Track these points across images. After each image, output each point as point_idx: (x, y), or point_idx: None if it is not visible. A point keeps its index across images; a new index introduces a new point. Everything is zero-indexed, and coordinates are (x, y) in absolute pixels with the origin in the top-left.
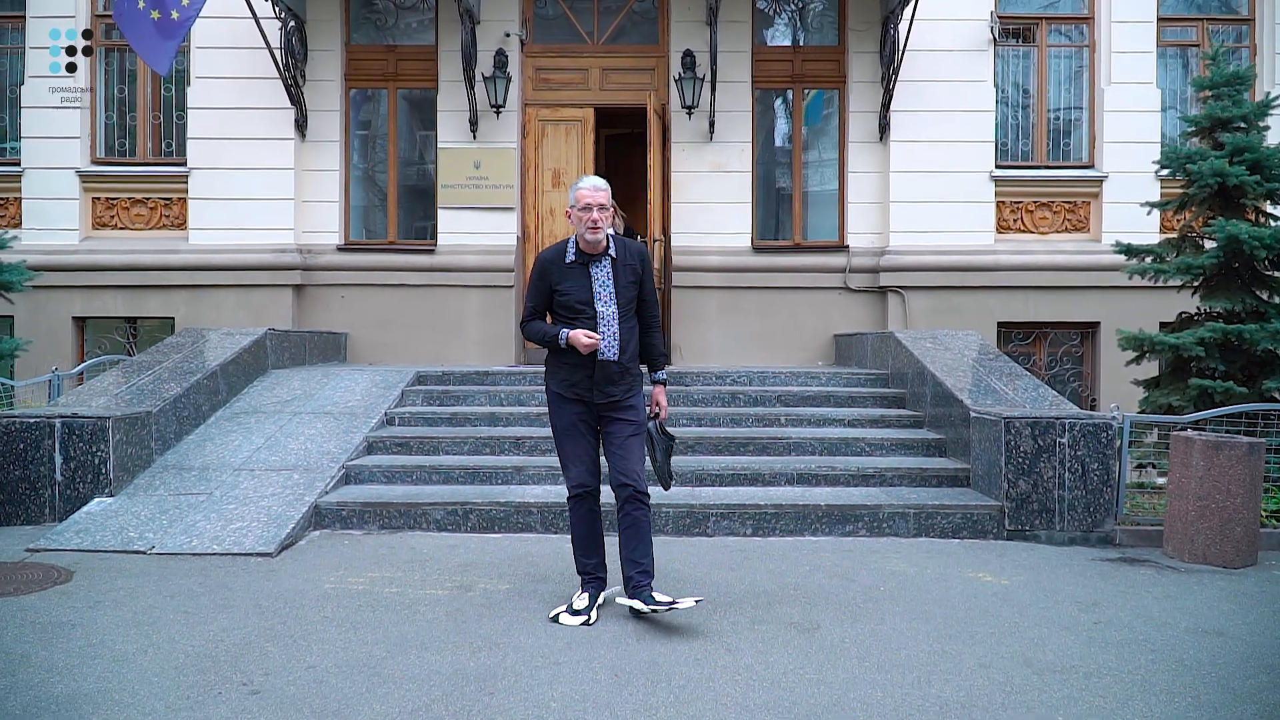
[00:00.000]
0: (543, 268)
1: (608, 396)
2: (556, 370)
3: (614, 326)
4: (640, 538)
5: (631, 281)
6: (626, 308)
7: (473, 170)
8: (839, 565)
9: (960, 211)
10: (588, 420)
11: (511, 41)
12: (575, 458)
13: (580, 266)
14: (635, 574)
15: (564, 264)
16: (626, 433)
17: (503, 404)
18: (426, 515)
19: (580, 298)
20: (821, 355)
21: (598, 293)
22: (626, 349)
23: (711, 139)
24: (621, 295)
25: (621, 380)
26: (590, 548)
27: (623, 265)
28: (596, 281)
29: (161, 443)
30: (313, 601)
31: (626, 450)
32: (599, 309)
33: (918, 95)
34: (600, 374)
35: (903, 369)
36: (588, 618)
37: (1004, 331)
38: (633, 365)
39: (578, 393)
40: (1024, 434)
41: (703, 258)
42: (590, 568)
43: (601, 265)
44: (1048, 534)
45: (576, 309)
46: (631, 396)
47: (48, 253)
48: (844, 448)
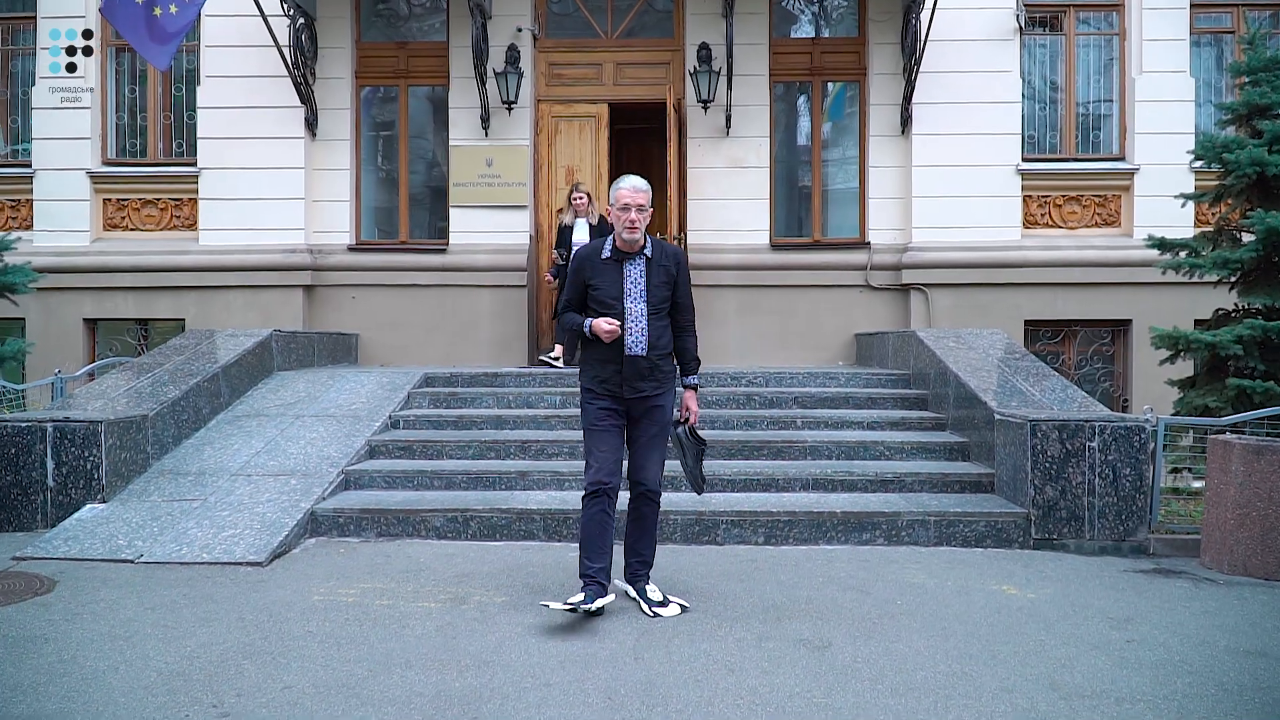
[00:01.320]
0: (579, 263)
1: (637, 392)
2: (589, 366)
3: (642, 322)
4: (644, 532)
5: (664, 282)
6: (657, 306)
7: (484, 168)
8: (854, 576)
9: (985, 206)
10: (617, 418)
11: (524, 37)
12: (598, 454)
13: (615, 263)
14: (634, 562)
15: (599, 260)
16: (651, 432)
17: (510, 406)
18: (426, 522)
19: (611, 293)
20: (842, 355)
21: (628, 289)
22: (656, 345)
23: (728, 134)
24: (653, 294)
25: (651, 376)
26: (597, 552)
27: (657, 265)
28: (628, 279)
29: (159, 447)
30: (299, 615)
31: (648, 450)
32: (628, 305)
33: (941, 87)
34: (629, 369)
35: (924, 369)
36: (575, 608)
37: (1031, 330)
38: (664, 363)
39: (608, 388)
40: (1051, 437)
41: (720, 256)
42: (594, 572)
43: (635, 263)
44: (1077, 543)
45: (608, 304)
46: (661, 395)
47: (59, 254)
48: (862, 451)
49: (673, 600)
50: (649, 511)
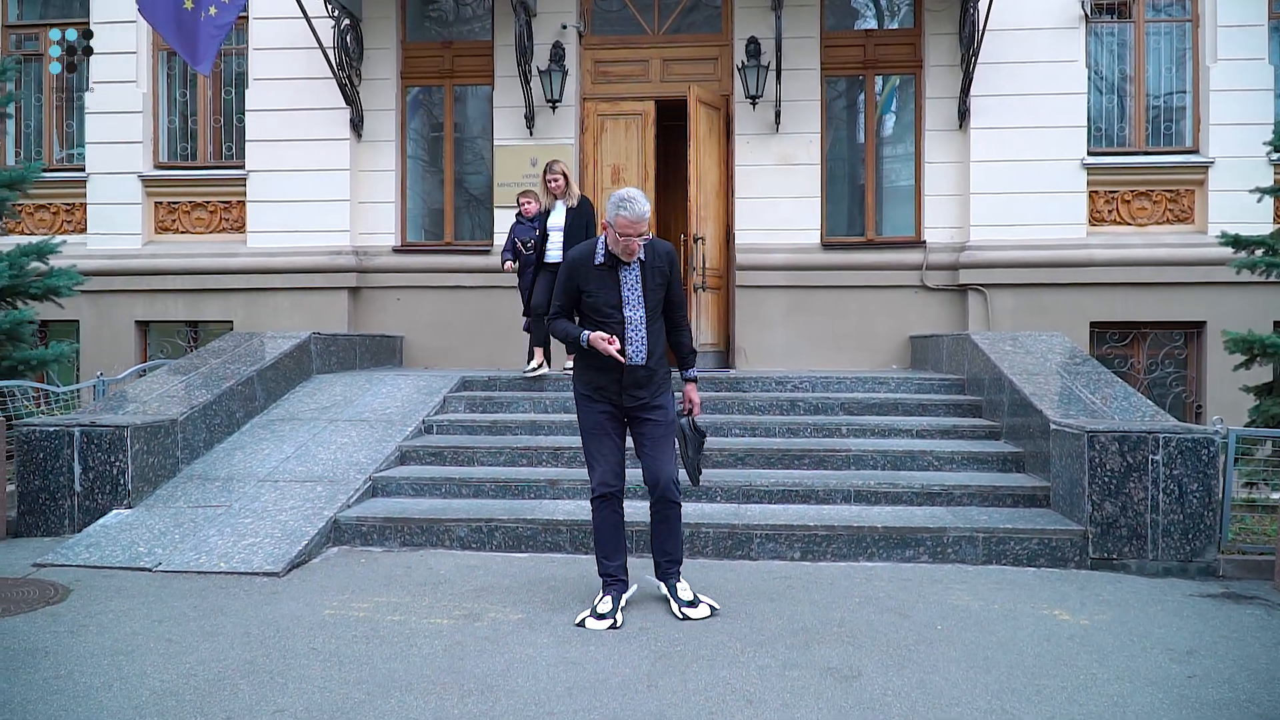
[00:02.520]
0: (571, 269)
1: (636, 400)
2: (583, 372)
3: (642, 331)
4: (670, 532)
5: (659, 284)
6: (654, 310)
7: (529, 168)
8: (893, 597)
9: (1048, 203)
10: (615, 421)
11: (569, 34)
12: (600, 459)
13: (608, 270)
14: (663, 561)
15: (593, 265)
16: (657, 434)
17: (547, 411)
18: (450, 532)
19: (608, 301)
20: (896, 358)
21: (626, 297)
22: (654, 353)
23: (778, 130)
24: (650, 298)
25: (649, 383)
26: (613, 550)
27: (651, 268)
28: (625, 285)
29: (189, 451)
30: (305, 630)
31: (657, 451)
32: (627, 314)
33: (1001, 78)
34: (628, 378)
35: (979, 374)
36: (614, 620)
37: (1097, 333)
38: (660, 367)
39: (605, 395)
40: (1110, 450)
41: (768, 256)
42: (612, 570)
43: (630, 269)
44: (1138, 563)
45: (605, 313)
46: (660, 396)
47: (112, 257)
48: (909, 461)
49: (703, 600)
50: (671, 513)
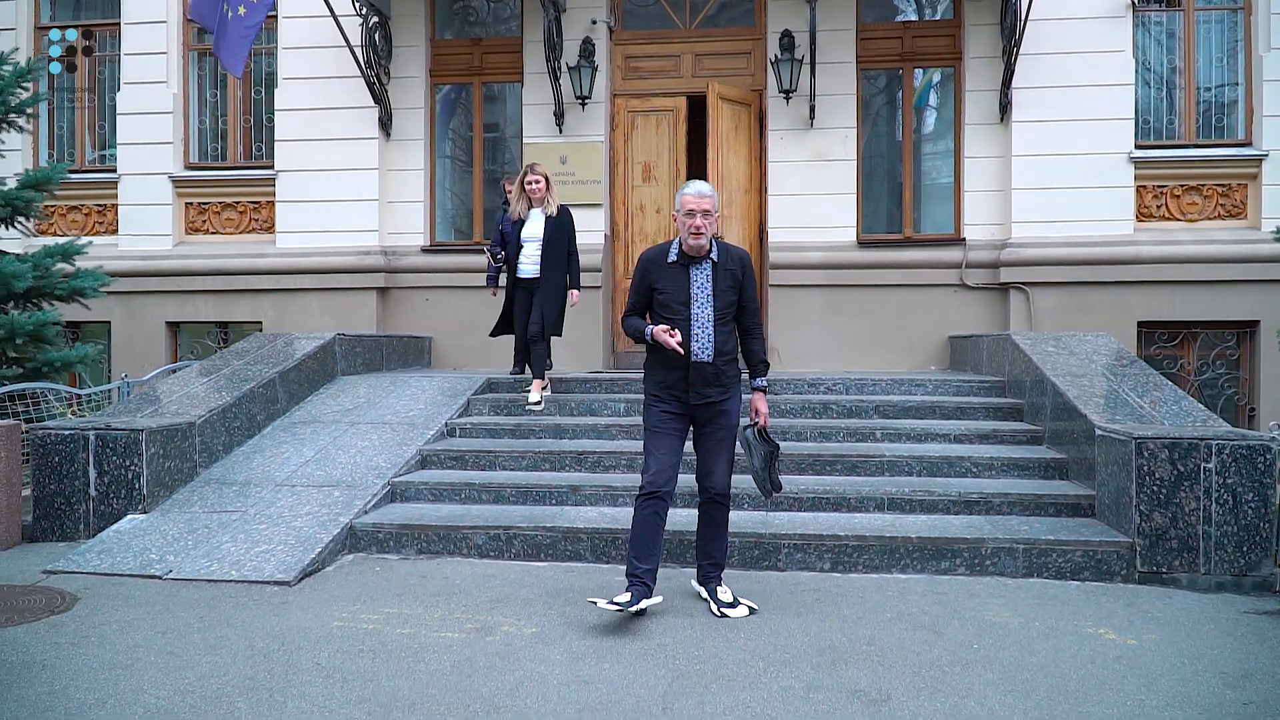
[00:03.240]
0: (644, 267)
1: (703, 398)
2: (654, 370)
3: (709, 329)
4: (716, 534)
5: (730, 286)
6: (723, 311)
7: (558, 166)
8: (927, 613)
9: (1093, 198)
10: (679, 422)
11: (599, 29)
12: (656, 456)
13: (680, 268)
14: (706, 564)
15: (665, 264)
16: (717, 436)
17: (573, 414)
18: (468, 540)
19: (677, 298)
20: (935, 359)
21: (694, 294)
22: (722, 351)
23: (812, 125)
24: (719, 299)
25: (716, 383)
26: (646, 551)
27: (723, 269)
28: (695, 283)
29: (207, 455)
30: (311, 644)
31: (715, 454)
32: (694, 310)
33: (1044, 70)
34: (695, 375)
35: (1020, 376)
36: (623, 608)
37: (1145, 332)
38: (729, 368)
39: (673, 394)
40: (1159, 457)
41: (803, 254)
42: (640, 572)
43: (701, 268)
44: (1189, 577)
45: (674, 309)
46: (727, 400)
47: (142, 258)
48: (946, 467)
49: (742, 602)
50: (719, 515)
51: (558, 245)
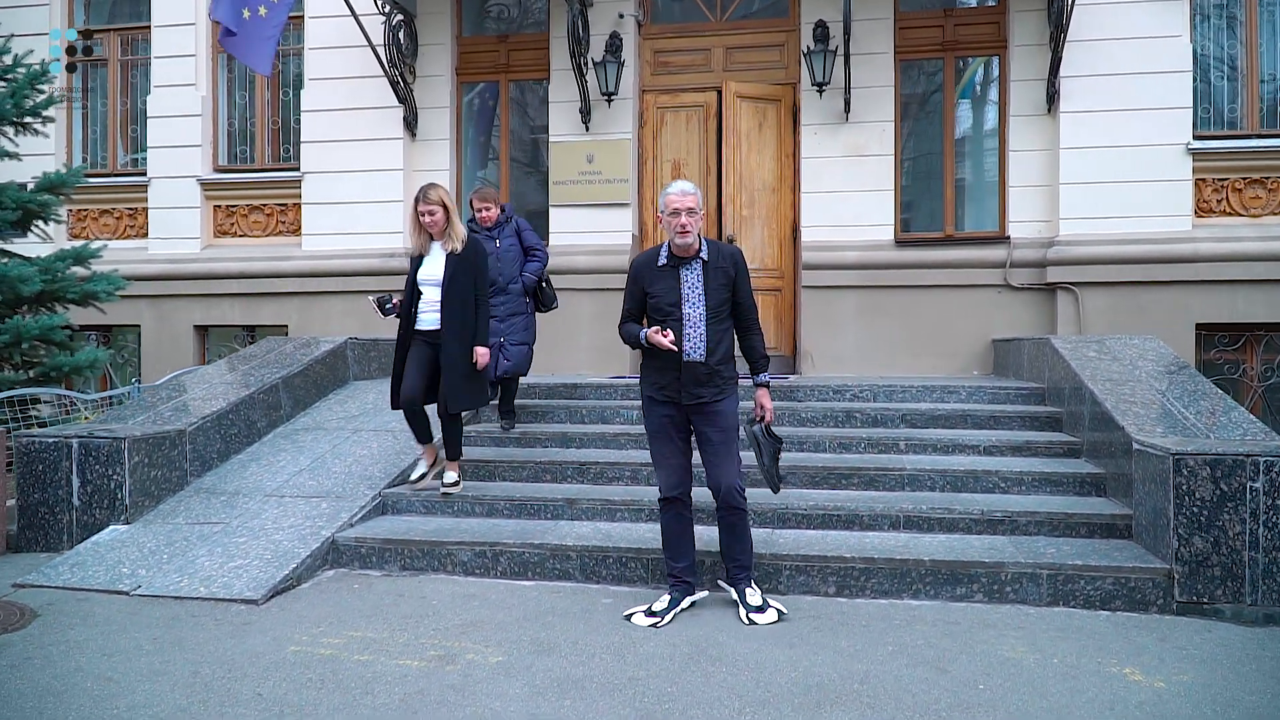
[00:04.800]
0: (635, 272)
1: (695, 398)
2: (648, 373)
3: (700, 328)
4: (736, 538)
5: (723, 284)
6: (716, 310)
7: (585, 165)
8: (934, 645)
9: (1147, 192)
10: (678, 424)
11: (627, 24)
12: (664, 462)
13: (671, 270)
14: (732, 568)
15: (656, 267)
16: (717, 439)
17: (582, 421)
18: (452, 556)
19: (669, 300)
20: (977, 363)
21: (685, 295)
22: (715, 351)
23: (847, 119)
24: (711, 297)
25: (710, 383)
26: (679, 551)
27: (714, 268)
28: (685, 284)
29: (200, 464)
30: (259, 671)
31: (718, 457)
32: (686, 311)
33: (1094, 57)
34: (687, 375)
35: (1060, 383)
36: (660, 619)
37: (1204, 335)
38: (723, 368)
39: (667, 395)
40: (1200, 475)
41: (838, 254)
42: (678, 571)
43: (692, 268)
44: (1233, 609)
45: (665, 311)
46: (721, 400)
47: (171, 261)
48: (971, 482)
49: (771, 605)
50: (736, 520)
51: (461, 288)
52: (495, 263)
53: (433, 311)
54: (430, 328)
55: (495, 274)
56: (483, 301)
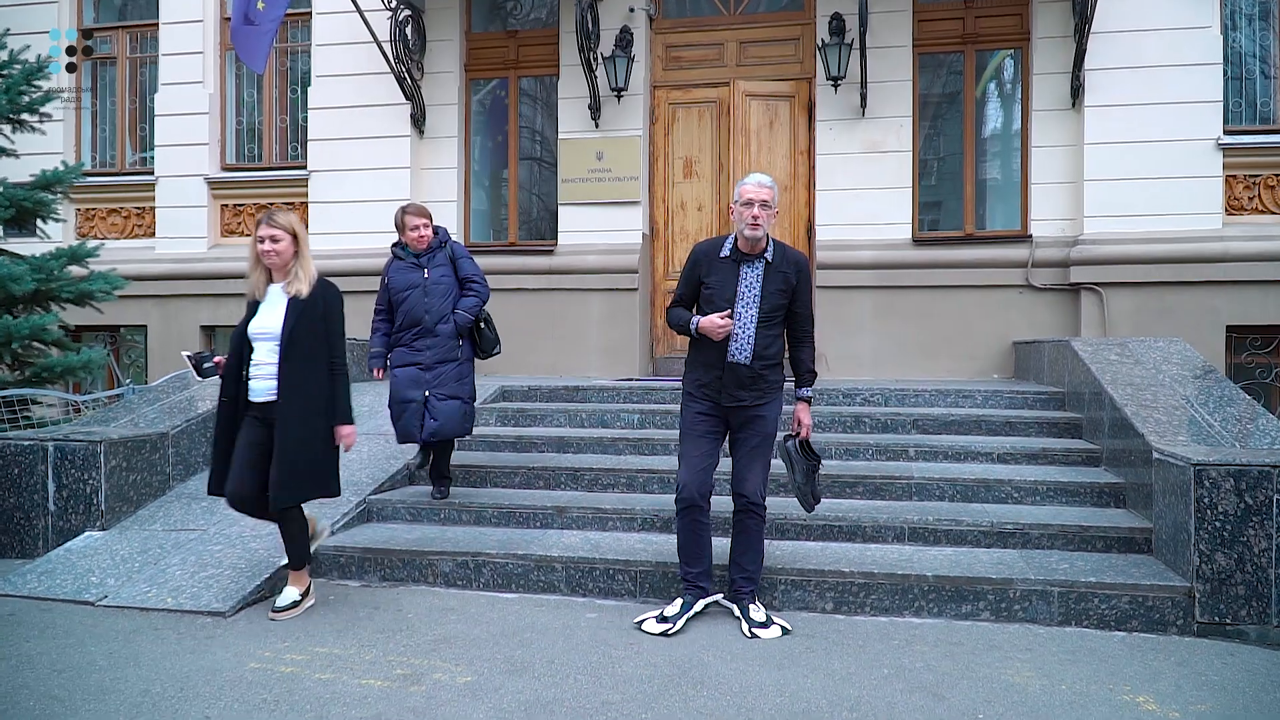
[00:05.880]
0: (696, 258)
1: (736, 400)
2: (692, 369)
3: (750, 330)
4: (749, 545)
5: (781, 289)
6: (770, 314)
7: (594, 162)
8: (933, 669)
9: (1176, 189)
10: (713, 423)
11: (638, 18)
12: (689, 461)
13: (732, 263)
14: (739, 578)
15: (718, 257)
16: (752, 443)
17: (582, 425)
18: (433, 567)
19: (723, 294)
20: (998, 366)
21: (741, 293)
22: (762, 355)
23: (864, 115)
24: (766, 301)
25: (753, 387)
26: (693, 556)
27: (775, 271)
28: (744, 281)
29: (183, 468)
30: (213, 690)
31: (749, 461)
32: (738, 309)
33: (1120, 49)
34: (729, 376)
35: (1079, 387)
36: (671, 625)
37: (1235, 338)
38: (768, 374)
39: (706, 393)
40: (1223, 487)
41: (853, 253)
42: (692, 576)
43: (754, 266)
44: (1258, 630)
45: (718, 306)
46: (763, 406)
47: (178, 261)
48: (982, 492)
49: (776, 621)
50: (753, 524)
51: (308, 346)
52: (422, 297)
53: (267, 379)
54: (264, 399)
55: (422, 311)
56: (339, 365)
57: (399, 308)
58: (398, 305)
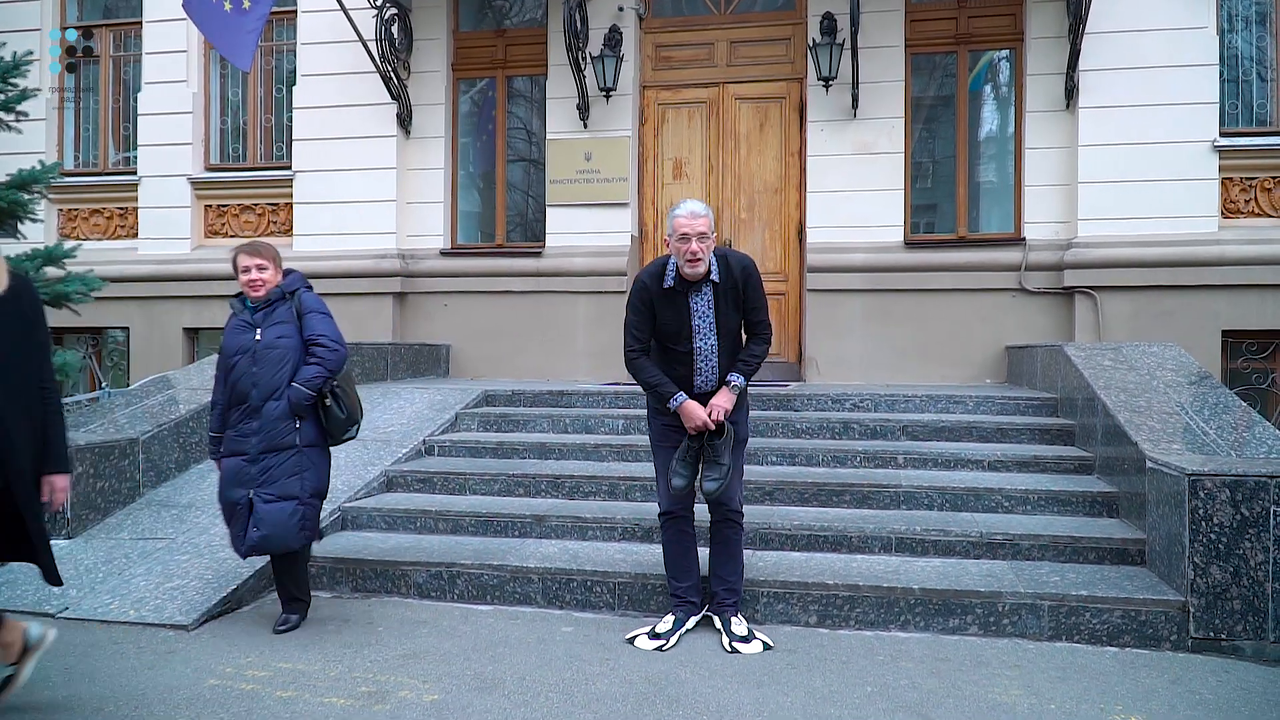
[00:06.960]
0: (639, 291)
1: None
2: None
3: (713, 360)
4: (729, 556)
5: (735, 306)
6: (729, 337)
7: (583, 163)
8: (918, 687)
9: (1171, 192)
10: (681, 434)
11: (627, 17)
12: (664, 475)
13: (679, 294)
14: (721, 591)
15: (661, 289)
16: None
17: (566, 431)
18: (406, 578)
19: (677, 329)
20: (990, 371)
21: (696, 326)
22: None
23: (855, 116)
24: (723, 325)
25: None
26: (681, 570)
27: (724, 290)
28: (696, 314)
29: (155, 474)
30: (168, 709)
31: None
32: (697, 343)
33: (1115, 50)
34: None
35: (1072, 393)
36: (665, 642)
37: (1231, 343)
38: None
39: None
40: (1219, 498)
41: (844, 256)
42: (681, 591)
43: (702, 294)
44: (1254, 646)
45: (675, 342)
46: (732, 413)
47: (161, 262)
48: (972, 501)
49: (758, 636)
50: (732, 534)
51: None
52: (250, 366)
53: None
54: None
55: (249, 384)
56: (49, 383)
57: (229, 377)
58: (228, 374)
